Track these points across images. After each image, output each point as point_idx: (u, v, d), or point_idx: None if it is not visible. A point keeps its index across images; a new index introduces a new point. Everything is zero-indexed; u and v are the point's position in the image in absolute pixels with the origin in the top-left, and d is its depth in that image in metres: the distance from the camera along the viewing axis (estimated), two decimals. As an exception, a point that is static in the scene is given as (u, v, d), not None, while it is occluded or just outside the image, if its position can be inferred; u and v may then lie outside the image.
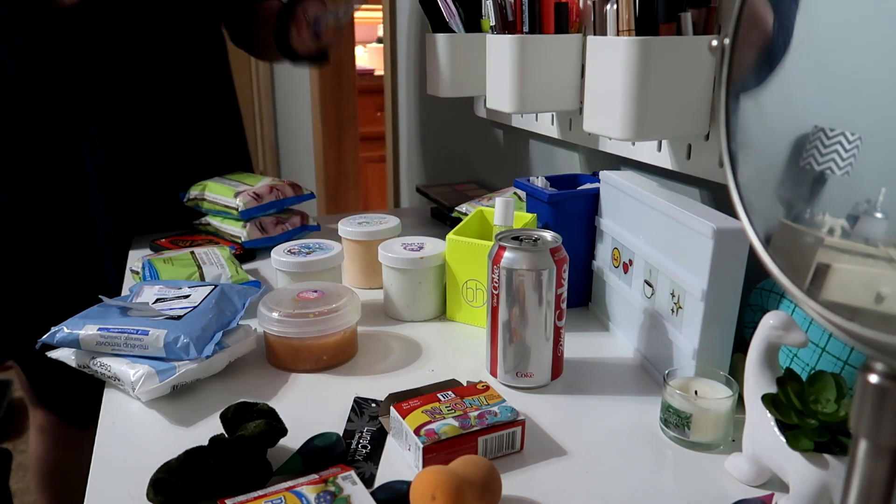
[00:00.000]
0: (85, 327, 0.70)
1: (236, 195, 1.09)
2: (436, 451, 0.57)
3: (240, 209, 1.08)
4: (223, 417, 0.60)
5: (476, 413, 0.60)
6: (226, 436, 0.57)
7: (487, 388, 0.64)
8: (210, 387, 0.71)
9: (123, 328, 0.70)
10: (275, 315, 0.74)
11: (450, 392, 0.63)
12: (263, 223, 1.10)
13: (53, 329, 0.71)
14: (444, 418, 0.59)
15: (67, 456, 1.35)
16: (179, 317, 0.73)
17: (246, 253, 1.09)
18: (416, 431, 0.58)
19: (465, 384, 0.68)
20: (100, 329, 0.70)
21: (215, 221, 1.13)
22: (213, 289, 0.80)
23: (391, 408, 0.62)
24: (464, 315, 0.86)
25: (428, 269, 0.86)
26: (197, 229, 1.17)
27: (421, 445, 0.57)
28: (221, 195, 1.11)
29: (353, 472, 0.54)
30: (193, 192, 1.14)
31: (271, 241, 1.09)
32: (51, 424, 1.34)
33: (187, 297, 0.79)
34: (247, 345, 0.76)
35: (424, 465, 0.57)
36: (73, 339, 0.70)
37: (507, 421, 0.59)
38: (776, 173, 0.37)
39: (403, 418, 0.59)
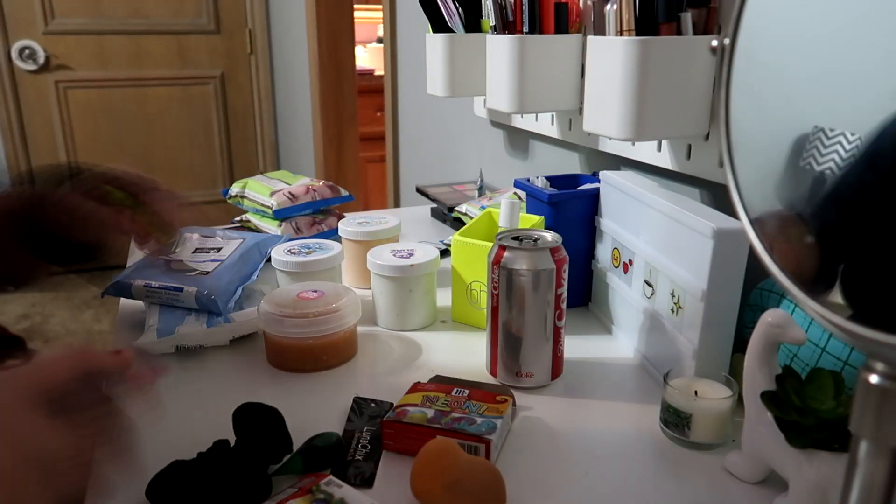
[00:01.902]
0: (135, 280, 0.84)
1: (272, 194, 1.09)
2: (394, 429, 0.60)
3: (273, 208, 1.07)
4: (235, 416, 0.58)
5: (459, 415, 0.60)
6: (229, 441, 0.57)
7: (505, 401, 0.64)
8: (210, 387, 0.71)
9: (164, 284, 0.83)
10: (275, 315, 0.74)
11: (466, 390, 0.65)
12: (299, 224, 1.10)
13: (116, 278, 0.85)
14: (430, 407, 0.62)
15: None
16: (208, 272, 0.85)
17: None
18: (396, 407, 0.62)
19: (496, 389, 0.68)
20: (145, 284, 0.84)
21: (255, 219, 1.14)
22: (241, 242, 0.92)
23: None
24: (469, 317, 0.86)
25: (418, 277, 0.83)
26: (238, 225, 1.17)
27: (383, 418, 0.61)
28: (259, 193, 1.11)
29: (331, 477, 0.53)
30: (235, 188, 1.15)
31: None
32: None
33: (219, 249, 0.92)
34: (250, 325, 0.81)
35: (383, 439, 0.61)
36: (126, 287, 0.84)
37: (474, 433, 0.58)
38: (776, 173, 0.37)
39: (408, 393, 0.64)
